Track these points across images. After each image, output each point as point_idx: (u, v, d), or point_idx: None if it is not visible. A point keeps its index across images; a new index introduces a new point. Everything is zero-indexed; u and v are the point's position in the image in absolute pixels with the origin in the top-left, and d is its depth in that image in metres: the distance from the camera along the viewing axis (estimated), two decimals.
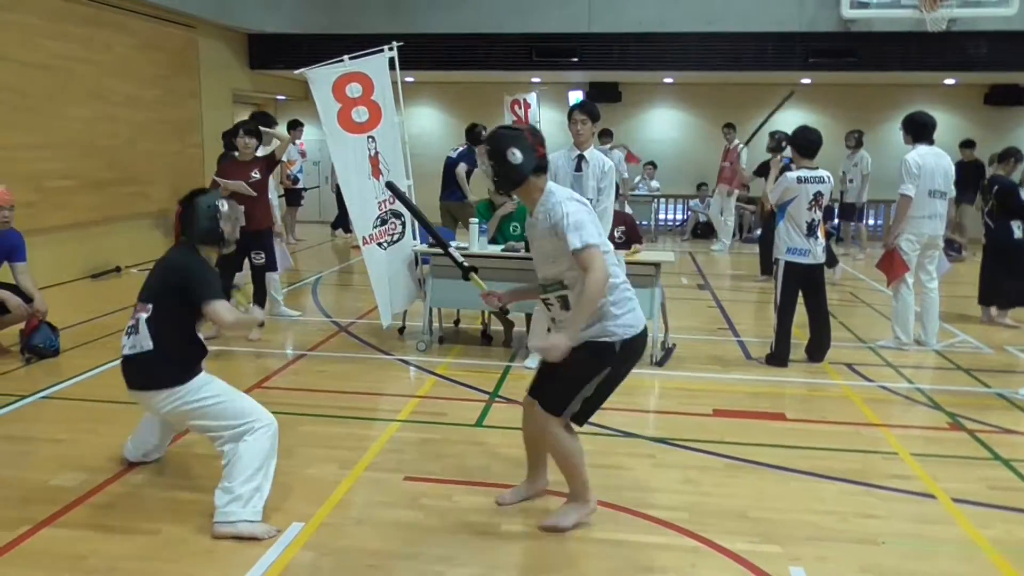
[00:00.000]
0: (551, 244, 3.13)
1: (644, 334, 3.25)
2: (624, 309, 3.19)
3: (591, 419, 3.41)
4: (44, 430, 4.43)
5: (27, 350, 5.71)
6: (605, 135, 12.23)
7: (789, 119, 14.39)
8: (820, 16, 11.92)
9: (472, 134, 8.95)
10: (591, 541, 3.29)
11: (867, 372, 5.79)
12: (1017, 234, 7.26)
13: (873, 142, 12.33)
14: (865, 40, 11.74)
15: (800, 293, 5.84)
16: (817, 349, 5.97)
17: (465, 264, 3.70)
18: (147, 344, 3.35)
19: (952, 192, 6.29)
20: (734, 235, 12.72)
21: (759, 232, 13.80)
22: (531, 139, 3.15)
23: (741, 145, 11.61)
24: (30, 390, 5.06)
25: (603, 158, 5.45)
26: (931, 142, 6.23)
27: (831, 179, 5.85)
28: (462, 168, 8.85)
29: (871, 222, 13.26)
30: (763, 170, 10.37)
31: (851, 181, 11.89)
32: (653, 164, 14.01)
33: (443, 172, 9.15)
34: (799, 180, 5.68)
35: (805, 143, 5.80)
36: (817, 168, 5.77)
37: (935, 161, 6.14)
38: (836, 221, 13.02)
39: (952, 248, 6.89)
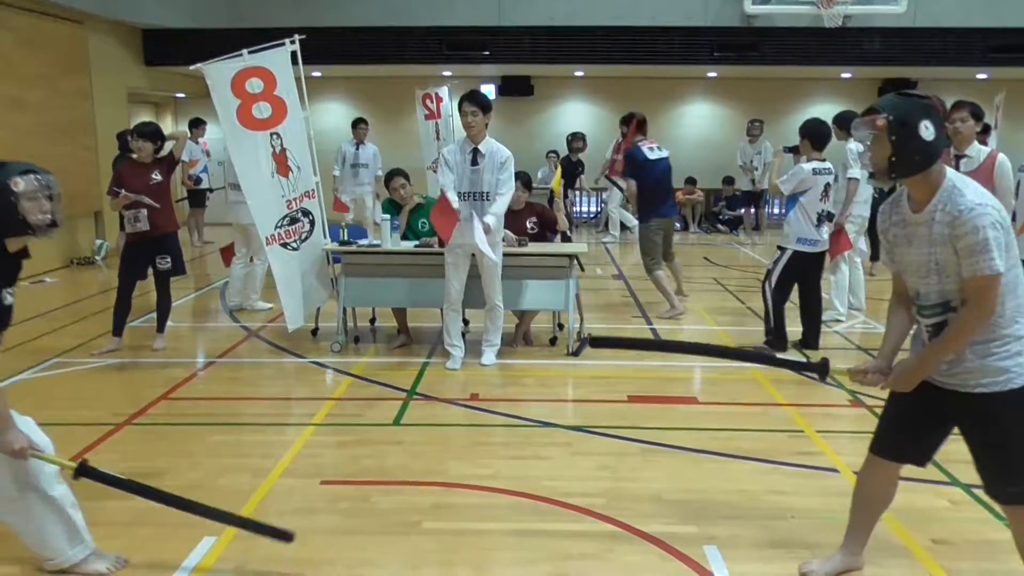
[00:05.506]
0: (943, 253, 2.46)
1: None
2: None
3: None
4: None
5: None
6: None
7: (697, 112, 14.89)
8: (724, 11, 12.28)
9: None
10: (511, 533, 3.28)
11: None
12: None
13: (775, 134, 12.81)
14: (767, 35, 12.19)
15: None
16: (814, 336, 6.03)
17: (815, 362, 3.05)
18: None
19: None
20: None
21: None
22: (942, 111, 2.56)
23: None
24: None
25: (500, 149, 5.34)
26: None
27: (833, 169, 5.94)
28: None
29: (775, 211, 13.71)
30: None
31: (756, 169, 12.34)
32: (556, 152, 13.78)
33: None
34: (814, 172, 5.76)
35: (819, 135, 5.82)
36: (825, 160, 5.85)
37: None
38: (742, 210, 13.51)
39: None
